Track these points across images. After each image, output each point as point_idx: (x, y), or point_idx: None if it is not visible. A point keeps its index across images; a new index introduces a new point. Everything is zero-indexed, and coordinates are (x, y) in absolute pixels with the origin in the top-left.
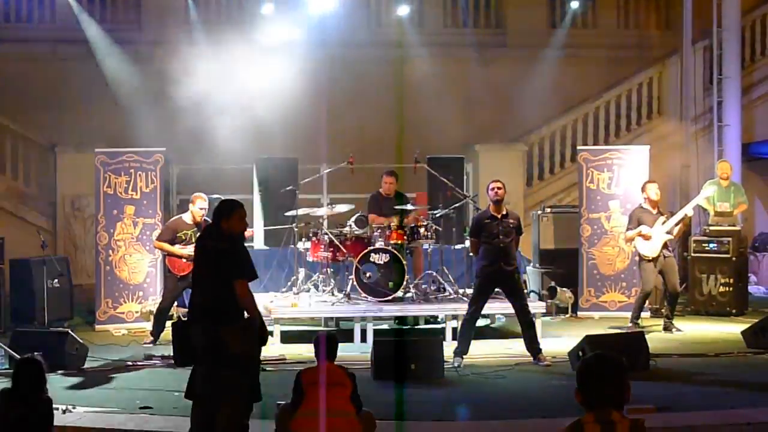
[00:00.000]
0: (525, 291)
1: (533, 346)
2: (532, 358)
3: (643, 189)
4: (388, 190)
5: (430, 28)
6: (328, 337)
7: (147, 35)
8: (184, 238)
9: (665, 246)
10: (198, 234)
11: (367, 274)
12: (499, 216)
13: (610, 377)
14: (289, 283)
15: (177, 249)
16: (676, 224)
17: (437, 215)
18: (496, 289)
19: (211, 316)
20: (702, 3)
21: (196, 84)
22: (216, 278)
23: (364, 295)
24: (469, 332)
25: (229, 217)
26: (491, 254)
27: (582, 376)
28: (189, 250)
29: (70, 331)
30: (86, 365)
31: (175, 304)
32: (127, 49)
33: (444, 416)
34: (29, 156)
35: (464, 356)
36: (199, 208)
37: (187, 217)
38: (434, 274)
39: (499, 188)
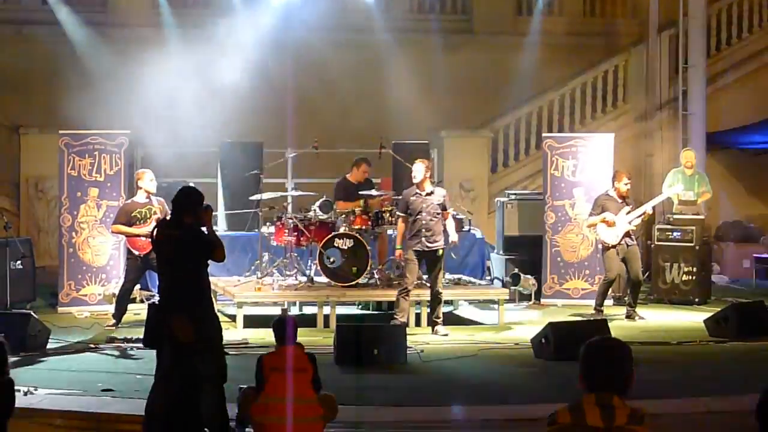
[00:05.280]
0: (443, 271)
1: (432, 317)
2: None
3: (615, 178)
4: (360, 177)
5: (396, 13)
6: (288, 320)
7: (113, 17)
8: (140, 216)
9: (627, 235)
10: (153, 211)
11: (331, 259)
12: (424, 193)
13: (614, 361)
14: (252, 267)
15: (135, 229)
16: (638, 216)
17: None
18: (461, 277)
19: (169, 303)
20: None
21: (161, 67)
22: (177, 266)
23: (327, 280)
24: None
25: (195, 211)
26: (415, 230)
27: (586, 358)
28: (147, 228)
29: (32, 313)
30: (48, 347)
31: (138, 286)
32: (94, 30)
33: (406, 401)
34: None
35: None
36: (149, 180)
37: (139, 197)
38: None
39: (417, 170)
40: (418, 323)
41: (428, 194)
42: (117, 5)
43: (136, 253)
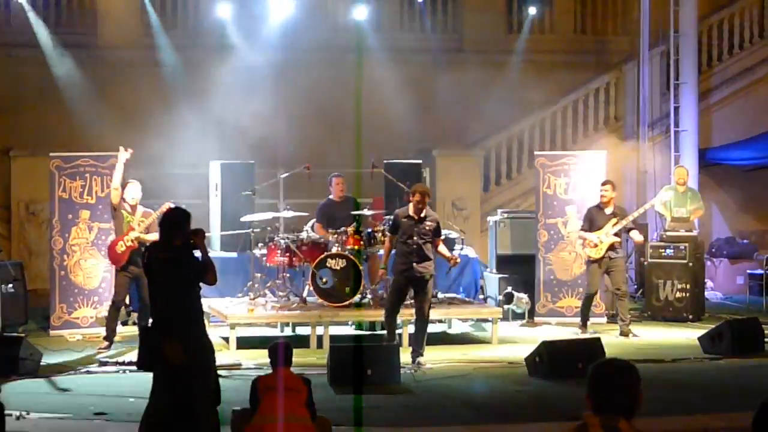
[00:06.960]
0: (431, 296)
1: (415, 348)
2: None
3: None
4: (339, 192)
5: (387, 32)
6: (283, 345)
7: (103, 40)
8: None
9: (612, 248)
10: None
11: (324, 279)
12: (417, 217)
13: (622, 384)
14: (245, 288)
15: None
16: (624, 227)
17: None
18: (455, 296)
19: (160, 326)
20: (659, 8)
21: (151, 88)
22: (168, 288)
23: (320, 300)
24: (393, 326)
25: (183, 232)
26: (405, 254)
27: (593, 380)
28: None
29: (24, 337)
30: (40, 371)
31: (130, 308)
32: (82, 53)
33: (400, 422)
34: None
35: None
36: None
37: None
38: (390, 279)
39: (421, 198)
40: (411, 343)
41: (421, 219)
42: (107, 27)
43: (114, 267)
